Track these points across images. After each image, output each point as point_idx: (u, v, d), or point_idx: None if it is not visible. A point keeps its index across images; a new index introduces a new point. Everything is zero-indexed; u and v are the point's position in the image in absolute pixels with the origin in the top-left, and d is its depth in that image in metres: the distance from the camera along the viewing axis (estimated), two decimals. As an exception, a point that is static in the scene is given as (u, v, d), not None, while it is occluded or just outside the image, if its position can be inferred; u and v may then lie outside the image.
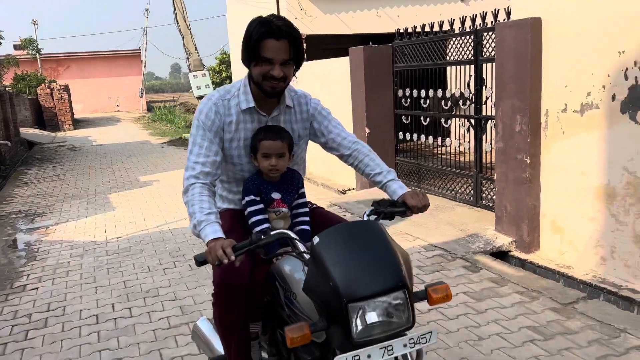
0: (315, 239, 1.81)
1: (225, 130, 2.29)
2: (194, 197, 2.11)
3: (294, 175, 2.44)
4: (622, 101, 3.95)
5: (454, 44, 6.31)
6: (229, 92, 2.33)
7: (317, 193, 8.02)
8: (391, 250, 1.77)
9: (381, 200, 2.13)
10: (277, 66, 2.14)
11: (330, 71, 8.48)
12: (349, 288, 1.66)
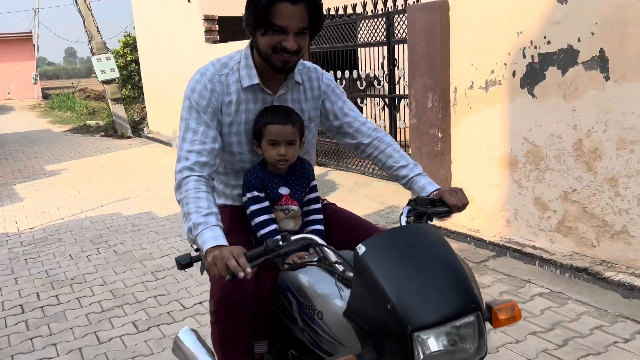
0: (361, 247, 1.46)
1: (224, 112, 1.91)
2: (188, 194, 1.74)
3: (304, 165, 2.06)
4: (521, 77, 4.37)
5: (367, 26, 6.58)
6: (226, 65, 1.93)
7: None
8: (457, 263, 1.45)
9: (418, 199, 1.82)
10: (291, 36, 1.76)
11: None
12: (413, 313, 1.32)
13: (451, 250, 1.49)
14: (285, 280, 1.84)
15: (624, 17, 3.64)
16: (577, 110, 4.03)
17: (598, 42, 3.82)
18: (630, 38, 3.63)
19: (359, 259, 1.45)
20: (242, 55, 1.93)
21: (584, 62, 3.93)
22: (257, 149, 1.96)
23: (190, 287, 4.10)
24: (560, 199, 4.25)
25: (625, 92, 3.72)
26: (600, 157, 3.94)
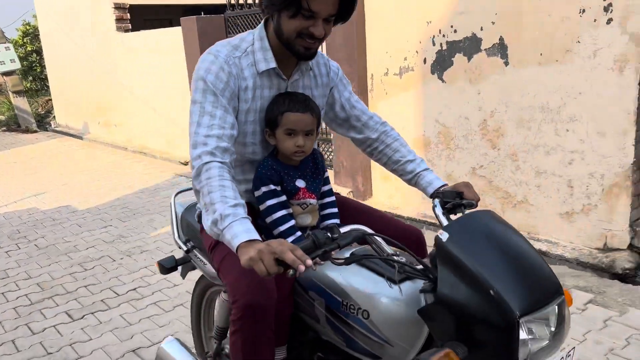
0: (443, 234, 1.39)
1: (241, 98, 1.74)
2: (211, 182, 1.55)
3: (317, 156, 1.94)
4: (431, 64, 4.72)
5: (285, 15, 6.73)
6: (238, 47, 1.76)
7: (158, 166, 7.98)
8: (532, 247, 1.43)
9: (445, 192, 1.79)
10: (320, 22, 1.63)
11: (161, 42, 8.38)
12: (517, 298, 1.28)
13: (521, 234, 1.46)
14: (314, 280, 1.69)
15: (519, 8, 4.05)
16: (481, 93, 4.44)
17: (498, 30, 4.22)
18: (525, 27, 4.05)
19: (444, 247, 1.37)
20: (256, 37, 1.77)
21: (486, 49, 4.33)
22: (269, 138, 1.81)
23: (121, 275, 4.11)
24: (469, 174, 4.65)
25: (522, 76, 4.15)
26: (503, 135, 4.37)
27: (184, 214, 2.31)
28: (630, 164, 3.69)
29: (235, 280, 1.67)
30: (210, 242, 1.87)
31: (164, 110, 8.76)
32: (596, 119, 3.80)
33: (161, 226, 5.16)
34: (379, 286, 1.53)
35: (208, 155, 1.60)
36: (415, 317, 1.44)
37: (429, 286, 1.43)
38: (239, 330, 1.67)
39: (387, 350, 1.52)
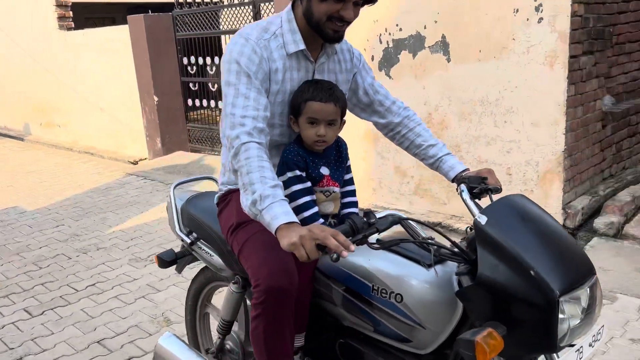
0: (481, 217, 1.43)
1: (272, 79, 1.76)
2: (250, 162, 1.57)
3: (341, 144, 1.94)
4: (379, 60, 4.94)
5: (234, 14, 6.82)
6: (267, 30, 1.78)
7: (107, 166, 7.88)
8: (563, 229, 1.49)
9: (470, 178, 1.80)
10: (350, 5, 1.66)
11: (108, 40, 8.26)
12: (557, 278, 1.33)
13: (553, 217, 1.50)
14: (339, 266, 1.70)
15: (460, 7, 4.33)
16: (426, 88, 4.69)
17: (440, 29, 4.49)
18: (465, 25, 4.33)
19: (483, 230, 1.41)
20: (284, 20, 1.79)
21: (430, 47, 4.59)
22: (293, 125, 1.81)
23: (79, 272, 4.11)
24: (416, 166, 4.90)
25: (463, 72, 4.43)
26: (447, 128, 4.64)
27: (185, 206, 2.28)
28: (562, 152, 4.02)
29: (258, 264, 1.68)
30: (229, 226, 1.87)
31: (112, 109, 8.65)
32: (531, 110, 4.12)
33: (115, 224, 5.15)
34: (411, 270, 1.58)
35: (246, 136, 1.62)
36: (448, 299, 1.51)
37: (466, 268, 1.48)
38: (261, 314, 1.68)
39: (418, 333, 1.56)
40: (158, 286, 3.76)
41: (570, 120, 4.02)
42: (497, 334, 1.32)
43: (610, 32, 4.35)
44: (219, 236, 2.04)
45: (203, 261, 2.26)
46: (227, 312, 2.14)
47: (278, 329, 1.70)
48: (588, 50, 4.10)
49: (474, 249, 1.47)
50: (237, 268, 2.01)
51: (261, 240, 1.74)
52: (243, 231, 1.82)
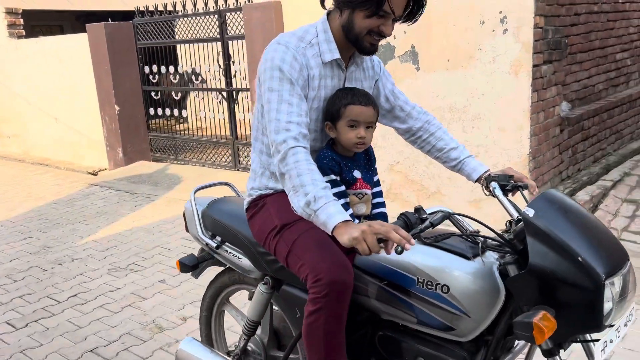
0: (529, 210, 1.56)
1: (309, 86, 1.84)
2: (299, 165, 1.66)
3: (369, 148, 2.02)
4: (350, 69, 5.11)
5: (199, 23, 6.84)
6: (303, 39, 1.86)
7: (66, 177, 7.68)
8: (599, 220, 1.66)
9: (499, 176, 1.91)
10: (390, 21, 1.76)
11: (65, 48, 8.08)
12: (600, 263, 1.47)
13: (586, 209, 1.71)
14: (380, 262, 1.79)
15: (428, 19, 4.55)
16: (396, 96, 4.89)
17: (410, 39, 4.70)
18: (433, 36, 4.56)
19: (531, 222, 1.53)
20: (319, 30, 1.87)
21: (399, 56, 4.79)
22: (329, 131, 1.89)
23: (57, 283, 4.03)
24: (387, 170, 5.09)
25: (432, 80, 4.65)
26: (417, 133, 4.84)
27: (206, 211, 2.30)
28: (527, 155, 4.30)
29: (316, 260, 1.73)
30: (272, 228, 1.90)
31: (68, 119, 8.44)
32: (497, 116, 4.38)
33: (87, 235, 5.06)
34: (454, 262, 1.68)
35: (293, 140, 1.69)
36: (491, 288, 1.62)
37: (513, 258, 1.61)
38: (322, 308, 1.71)
39: (463, 321, 1.66)
40: (143, 294, 3.75)
41: (533, 126, 4.31)
42: (550, 316, 1.45)
43: (565, 42, 4.69)
44: (248, 238, 2.09)
45: (229, 264, 2.27)
46: (254, 312, 2.16)
47: (338, 322, 1.74)
48: (548, 59, 4.40)
49: (520, 240, 1.62)
50: (267, 268, 2.06)
51: (313, 238, 1.80)
52: (289, 232, 1.87)
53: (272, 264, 2.01)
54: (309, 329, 1.77)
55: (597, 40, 5.43)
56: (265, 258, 2.03)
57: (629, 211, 4.45)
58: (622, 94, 6.00)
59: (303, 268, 1.77)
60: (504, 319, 1.64)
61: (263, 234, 1.96)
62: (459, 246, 1.72)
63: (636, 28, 6.36)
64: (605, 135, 5.67)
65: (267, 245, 1.95)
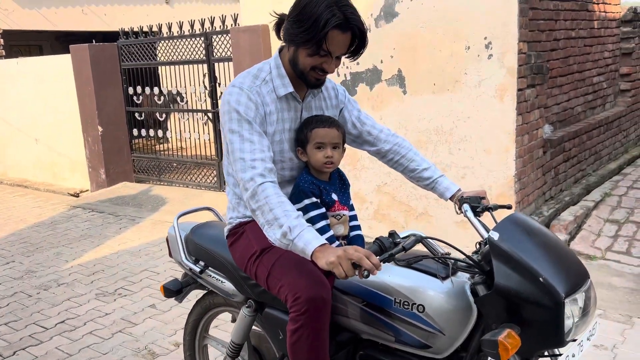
0: (494, 234, 1.65)
1: (268, 122, 1.93)
2: (269, 200, 1.75)
3: (341, 173, 2.14)
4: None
5: (185, 45, 6.86)
6: (257, 77, 1.95)
7: (46, 199, 7.56)
8: (561, 241, 1.74)
9: (471, 197, 2.03)
10: (332, 60, 1.85)
11: (48, 69, 8.01)
12: (560, 283, 1.56)
13: (550, 231, 1.72)
14: (359, 283, 1.87)
15: (414, 44, 4.65)
16: (383, 119, 4.96)
17: (396, 63, 4.79)
18: (420, 60, 4.66)
19: (496, 245, 1.63)
20: (272, 66, 1.97)
21: (386, 80, 4.88)
22: (301, 156, 2.00)
23: (43, 309, 3.95)
24: (375, 191, 5.14)
25: (418, 103, 4.74)
26: (404, 155, 4.91)
27: (189, 236, 2.35)
28: (513, 176, 4.39)
29: (295, 279, 1.83)
30: (252, 253, 1.98)
31: (49, 140, 8.34)
32: (483, 139, 4.47)
33: (72, 259, 4.98)
34: (429, 282, 1.78)
35: (260, 177, 1.79)
36: (464, 307, 1.71)
37: (481, 279, 1.70)
38: (303, 325, 1.79)
39: (438, 339, 1.74)
40: (134, 320, 3.70)
41: (518, 148, 4.41)
42: (515, 333, 1.54)
43: (547, 67, 4.83)
44: (230, 263, 2.15)
45: (213, 288, 2.33)
46: (238, 335, 2.24)
47: (320, 338, 1.82)
48: (531, 83, 4.53)
49: (488, 261, 1.69)
50: (250, 292, 2.13)
51: (291, 260, 1.88)
52: (268, 255, 1.95)
53: (255, 287, 2.08)
54: (293, 348, 1.84)
55: (575, 65, 5.61)
56: (248, 282, 2.10)
57: (611, 231, 4.57)
58: (599, 116, 6.19)
59: (282, 289, 1.85)
60: (476, 335, 1.73)
61: (244, 259, 2.03)
62: (433, 267, 1.82)
63: (611, 53, 6.59)
64: (585, 157, 5.82)
65: (248, 270, 2.03)
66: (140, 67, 7.38)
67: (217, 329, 3.14)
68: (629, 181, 5.69)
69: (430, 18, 4.54)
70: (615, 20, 6.65)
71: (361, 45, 1.88)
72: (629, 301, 3.56)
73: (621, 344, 3.05)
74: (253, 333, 2.40)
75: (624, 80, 6.94)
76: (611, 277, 3.89)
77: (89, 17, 10.60)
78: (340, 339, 1.99)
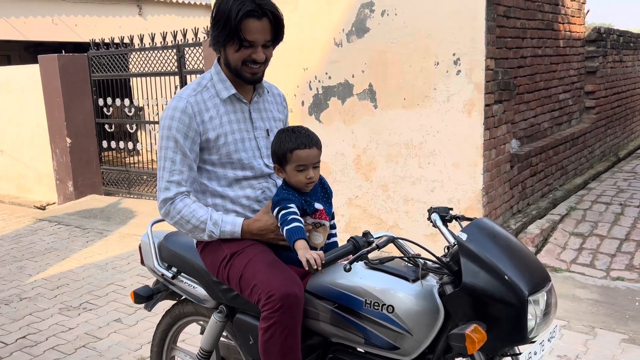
0: (462, 234, 1.73)
1: (208, 128, 1.98)
2: (182, 213, 1.97)
3: (323, 181, 2.11)
4: (309, 106, 5.20)
5: (157, 57, 6.82)
6: (199, 84, 2.03)
7: (11, 211, 7.38)
8: (523, 245, 1.83)
9: (439, 208, 2.08)
10: (259, 49, 1.92)
11: (14, 79, 7.86)
12: (524, 282, 1.63)
13: (512, 235, 1.84)
14: (330, 286, 1.89)
15: (385, 59, 4.71)
16: (355, 132, 5.00)
17: (367, 78, 4.84)
18: (390, 75, 4.71)
19: (464, 245, 1.70)
20: (213, 73, 2.05)
21: (358, 94, 4.92)
22: (278, 173, 2.00)
23: (4, 324, 3.82)
24: (346, 204, 5.15)
25: (389, 117, 4.79)
26: (375, 169, 4.95)
27: (163, 243, 2.36)
28: (480, 190, 4.46)
29: (268, 277, 1.86)
30: (222, 258, 2.01)
31: (15, 151, 8.16)
32: (452, 153, 4.54)
33: (36, 272, 4.86)
34: (399, 284, 1.82)
35: (170, 200, 1.99)
36: (432, 308, 1.76)
37: (449, 279, 1.76)
38: (276, 322, 1.80)
39: (406, 340, 1.78)
40: (98, 334, 3.62)
41: (486, 162, 4.48)
42: (481, 329, 1.62)
43: (514, 83, 4.94)
44: (202, 268, 2.17)
45: (184, 294, 2.33)
46: (208, 342, 2.25)
47: (293, 336, 1.84)
48: (498, 99, 4.62)
49: (456, 262, 1.77)
50: (222, 297, 2.14)
51: (263, 261, 1.94)
52: (239, 258, 1.98)
53: (227, 292, 2.10)
54: (265, 346, 1.86)
55: (542, 82, 5.75)
56: (220, 287, 2.12)
57: (576, 244, 4.66)
58: (565, 132, 6.34)
59: (255, 289, 1.88)
60: (443, 337, 1.78)
61: (215, 264, 2.06)
62: (403, 269, 1.86)
63: (576, 71, 6.78)
64: (552, 171, 5.95)
65: (220, 275, 2.06)
66: (111, 79, 7.30)
67: (185, 343, 3.09)
68: (594, 195, 5.83)
69: (401, 34, 4.61)
70: (580, 40, 6.86)
71: (278, 29, 1.94)
72: (592, 312, 3.63)
73: (584, 355, 3.10)
74: (222, 344, 2.40)
75: (589, 97, 7.14)
76: (575, 289, 3.96)
77: (59, 28, 10.45)
78: (310, 342, 2.00)
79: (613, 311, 3.63)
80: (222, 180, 2.05)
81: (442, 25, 4.41)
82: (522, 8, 5.09)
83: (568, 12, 6.36)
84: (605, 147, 7.79)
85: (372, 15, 4.74)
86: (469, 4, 4.30)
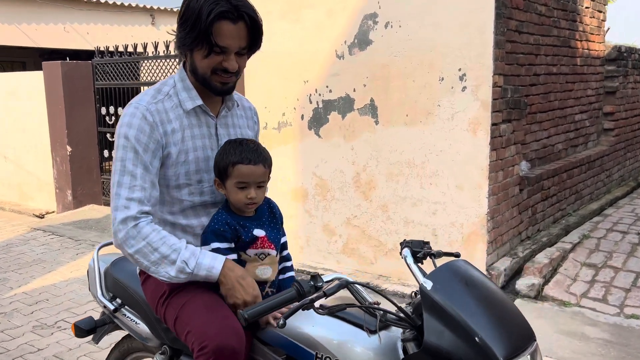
0: (427, 282, 1.43)
1: (170, 142, 1.70)
2: (151, 239, 1.61)
3: (272, 204, 1.87)
4: (308, 120, 4.97)
5: (161, 65, 6.68)
6: (160, 91, 1.74)
7: (9, 219, 7.26)
8: (505, 294, 1.52)
9: (413, 242, 1.77)
10: (232, 56, 1.65)
11: (18, 85, 7.79)
12: (500, 344, 1.34)
13: (494, 282, 1.51)
14: (281, 334, 1.65)
15: (387, 73, 4.48)
16: (354, 149, 4.75)
17: (369, 92, 4.60)
18: (393, 90, 4.47)
19: (429, 295, 1.41)
20: (177, 79, 1.77)
21: (358, 109, 4.68)
22: (218, 188, 1.75)
23: (-28, 342, 3.64)
24: (344, 224, 4.89)
25: (391, 134, 4.54)
26: (374, 188, 4.69)
27: (109, 270, 2.12)
28: (485, 214, 4.17)
29: (203, 325, 1.60)
30: (161, 294, 1.77)
31: (18, 158, 8.07)
32: (455, 174, 4.26)
33: (17, 285, 4.67)
34: (356, 336, 1.55)
35: (132, 220, 1.62)
36: None
37: (412, 334, 1.48)
38: None
39: None
40: (67, 357, 3.40)
41: (492, 185, 4.20)
42: None
43: (525, 102, 4.66)
44: (146, 302, 1.91)
45: (127, 330, 2.09)
46: None
47: None
48: (507, 118, 4.34)
49: (419, 314, 1.47)
50: (164, 337, 1.90)
51: (201, 302, 1.67)
52: (177, 296, 1.73)
53: (168, 332, 1.84)
54: None
55: (557, 101, 5.46)
56: (161, 325, 1.86)
57: (588, 276, 4.33)
58: (581, 155, 6.02)
59: (189, 335, 1.64)
60: None
61: (154, 300, 1.81)
62: (364, 318, 1.57)
63: (594, 91, 6.46)
64: (565, 196, 5.63)
65: (158, 312, 1.80)
66: (114, 87, 7.18)
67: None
68: (610, 223, 5.49)
69: (405, 47, 4.37)
70: (600, 59, 6.55)
71: (256, 36, 1.68)
72: (602, 354, 3.30)
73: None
74: None
75: (608, 119, 6.81)
76: (585, 327, 3.64)
77: (70, 35, 10.45)
78: None
79: (626, 354, 3.30)
80: (176, 205, 1.77)
81: (448, 38, 4.16)
82: (536, 23, 4.82)
83: (587, 29, 6.07)
84: (624, 171, 7.43)
85: (375, 27, 4.51)
86: (477, 17, 4.05)
